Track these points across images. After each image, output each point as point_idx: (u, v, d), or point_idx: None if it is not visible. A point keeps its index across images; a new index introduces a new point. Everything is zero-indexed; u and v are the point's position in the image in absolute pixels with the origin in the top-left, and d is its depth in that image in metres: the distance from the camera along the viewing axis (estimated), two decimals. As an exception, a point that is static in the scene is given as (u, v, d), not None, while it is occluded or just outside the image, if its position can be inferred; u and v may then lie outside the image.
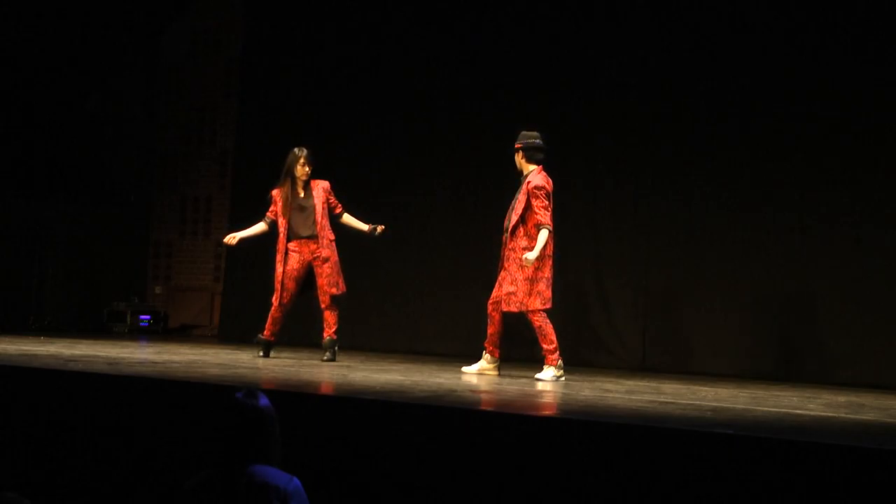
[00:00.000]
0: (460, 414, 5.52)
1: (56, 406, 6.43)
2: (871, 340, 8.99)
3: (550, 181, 8.07)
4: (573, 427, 5.03)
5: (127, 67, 14.12)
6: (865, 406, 6.77)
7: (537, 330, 7.87)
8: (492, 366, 8.11)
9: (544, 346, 7.86)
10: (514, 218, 7.92)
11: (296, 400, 5.90)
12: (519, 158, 8.08)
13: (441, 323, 11.08)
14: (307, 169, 8.90)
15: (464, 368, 8.21)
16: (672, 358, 9.85)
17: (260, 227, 9.02)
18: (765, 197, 9.55)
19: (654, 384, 7.98)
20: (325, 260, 8.83)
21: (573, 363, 10.02)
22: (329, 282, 8.83)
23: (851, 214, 9.19)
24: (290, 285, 8.87)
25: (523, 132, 8.16)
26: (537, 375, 7.82)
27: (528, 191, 7.89)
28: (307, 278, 8.93)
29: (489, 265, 10.86)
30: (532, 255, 7.75)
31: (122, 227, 14.02)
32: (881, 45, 9.15)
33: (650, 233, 10.13)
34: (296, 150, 8.97)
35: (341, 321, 8.99)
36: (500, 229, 10.65)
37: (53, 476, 6.17)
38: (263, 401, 3.75)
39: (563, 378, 7.79)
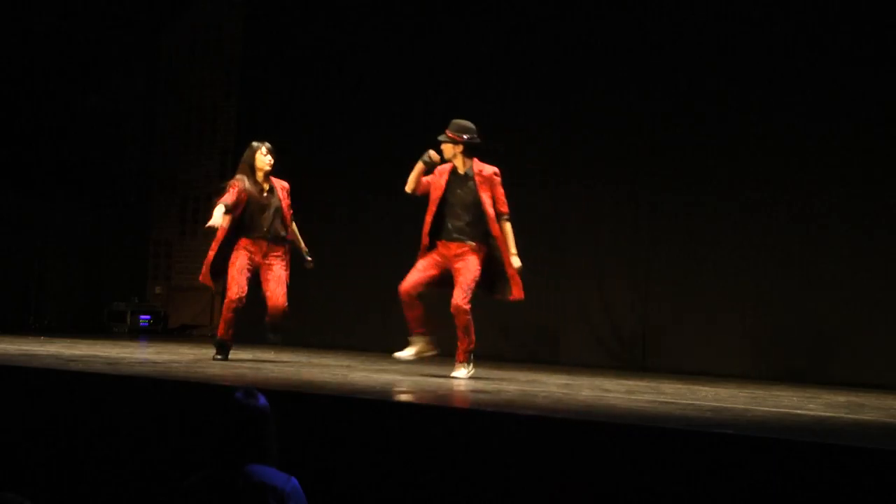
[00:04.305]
0: (460, 414, 5.52)
1: (56, 406, 6.43)
2: (871, 340, 8.99)
3: None
4: (573, 427, 5.02)
5: (127, 67, 14.12)
6: (865, 406, 6.76)
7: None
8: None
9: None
10: (490, 210, 7.58)
11: (296, 400, 5.89)
12: (458, 150, 7.65)
13: (440, 323, 11.06)
14: (270, 158, 8.19)
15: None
16: (672, 358, 9.85)
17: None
18: (765, 197, 9.56)
19: (654, 384, 7.98)
20: (285, 267, 8.25)
21: (573, 363, 10.04)
22: (283, 290, 8.19)
23: (852, 214, 9.19)
24: (243, 282, 8.17)
25: (462, 122, 7.74)
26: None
27: (491, 178, 7.62)
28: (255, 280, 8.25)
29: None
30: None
31: (122, 227, 14.02)
32: (881, 45, 9.14)
33: (650, 233, 10.13)
34: (254, 143, 8.27)
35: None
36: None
37: (53, 476, 6.16)
38: (261, 400, 3.75)
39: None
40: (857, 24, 9.27)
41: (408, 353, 7.81)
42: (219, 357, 8.26)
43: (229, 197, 8.11)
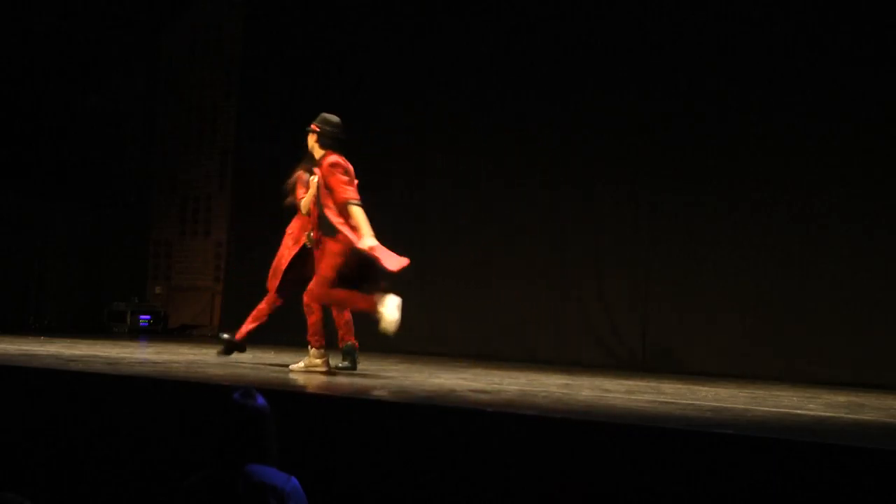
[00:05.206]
0: (460, 414, 5.51)
1: (56, 406, 6.43)
2: (871, 340, 8.98)
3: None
4: (573, 427, 5.02)
5: (127, 67, 14.13)
6: (865, 406, 6.76)
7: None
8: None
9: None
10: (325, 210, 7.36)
11: (295, 400, 5.89)
12: (313, 141, 7.62)
13: (440, 323, 11.07)
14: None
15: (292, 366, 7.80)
16: (672, 358, 9.85)
17: None
18: (765, 197, 9.55)
19: (654, 384, 7.97)
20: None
21: (574, 363, 10.03)
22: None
23: (852, 214, 9.18)
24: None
25: (326, 115, 7.76)
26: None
27: (323, 171, 7.40)
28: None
29: (487, 265, 10.90)
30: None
31: (122, 227, 14.03)
32: (881, 45, 9.14)
33: (650, 233, 10.13)
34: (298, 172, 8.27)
35: (333, 321, 8.84)
36: (500, 231, 10.68)
37: (53, 476, 6.16)
38: (260, 400, 3.75)
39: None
40: (857, 24, 9.27)
41: (301, 364, 7.76)
42: (223, 353, 8.28)
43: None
